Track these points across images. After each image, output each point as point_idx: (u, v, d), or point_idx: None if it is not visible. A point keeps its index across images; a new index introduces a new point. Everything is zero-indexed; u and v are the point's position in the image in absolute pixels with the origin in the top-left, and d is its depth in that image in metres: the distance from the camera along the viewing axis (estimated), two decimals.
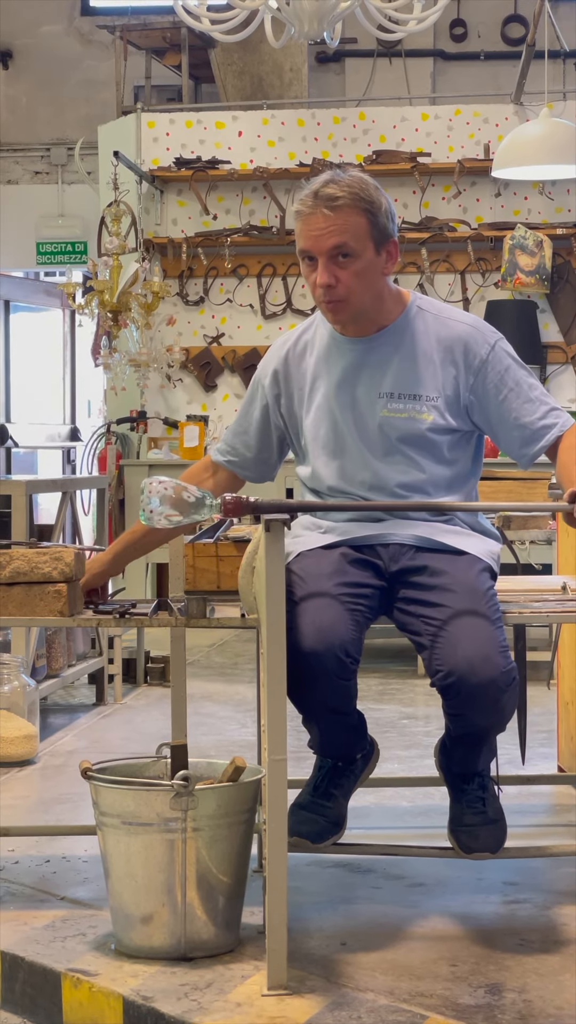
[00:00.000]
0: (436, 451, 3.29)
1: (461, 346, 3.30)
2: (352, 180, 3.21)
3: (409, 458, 3.28)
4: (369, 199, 3.20)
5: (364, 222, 3.19)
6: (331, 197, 3.18)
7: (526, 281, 8.83)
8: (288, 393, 3.41)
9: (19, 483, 5.55)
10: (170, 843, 3.00)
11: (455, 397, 3.29)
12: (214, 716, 5.75)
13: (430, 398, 3.28)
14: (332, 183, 3.20)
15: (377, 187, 3.25)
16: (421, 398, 3.28)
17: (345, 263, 3.20)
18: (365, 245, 3.20)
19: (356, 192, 3.19)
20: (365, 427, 3.29)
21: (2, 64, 12.56)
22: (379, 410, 3.28)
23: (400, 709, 5.88)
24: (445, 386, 3.29)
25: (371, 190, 3.22)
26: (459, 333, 3.32)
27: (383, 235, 3.22)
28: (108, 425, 9.40)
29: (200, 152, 9.32)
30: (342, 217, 3.18)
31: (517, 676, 3.09)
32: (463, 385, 3.29)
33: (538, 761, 4.66)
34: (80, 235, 12.32)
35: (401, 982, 2.88)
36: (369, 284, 3.23)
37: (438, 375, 3.29)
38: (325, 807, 3.22)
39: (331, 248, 3.19)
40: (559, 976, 2.91)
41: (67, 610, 3.24)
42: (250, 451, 3.50)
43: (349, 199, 3.18)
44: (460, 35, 12.26)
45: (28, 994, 3.04)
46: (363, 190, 3.20)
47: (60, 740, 5.34)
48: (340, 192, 3.18)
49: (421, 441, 3.27)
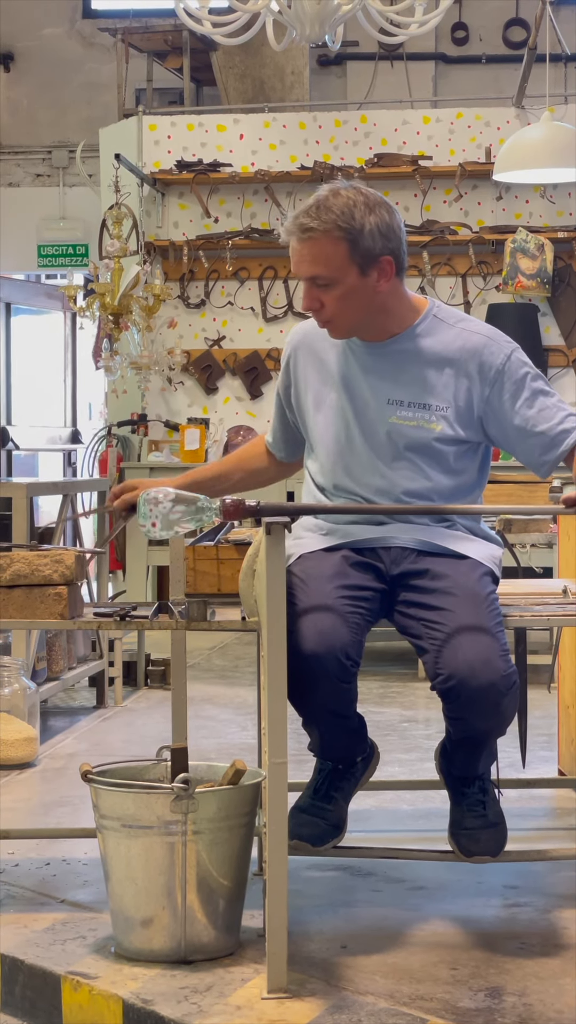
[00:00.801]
0: (443, 461, 3.28)
1: (476, 357, 3.28)
2: (337, 203, 3.16)
3: (416, 466, 3.27)
4: (348, 224, 3.15)
5: (342, 249, 3.16)
6: (304, 228, 3.16)
7: (527, 284, 8.83)
8: (296, 383, 3.41)
9: (20, 485, 5.55)
10: (170, 846, 3.00)
11: (467, 408, 3.28)
12: (214, 719, 5.75)
13: (440, 408, 3.27)
14: (314, 208, 3.16)
15: (369, 205, 3.18)
16: (431, 407, 3.27)
17: (326, 289, 3.19)
18: (345, 272, 3.18)
19: (334, 219, 3.14)
20: (374, 432, 3.29)
21: (3, 67, 12.57)
22: (388, 416, 3.27)
23: (401, 712, 5.88)
24: (457, 397, 3.27)
25: (356, 212, 3.16)
26: (474, 344, 3.30)
27: (367, 257, 3.18)
28: (109, 428, 9.40)
29: (201, 155, 9.33)
30: (316, 248, 3.16)
31: (518, 680, 3.09)
32: (477, 396, 3.28)
33: (538, 764, 4.66)
34: (81, 238, 12.32)
35: (401, 985, 2.88)
36: (359, 305, 3.22)
37: (450, 385, 3.28)
38: (325, 810, 3.22)
39: (307, 276, 3.20)
40: (559, 980, 2.91)
41: (67, 613, 3.24)
42: (280, 433, 3.57)
43: (323, 229, 3.14)
44: (462, 38, 12.27)
45: (28, 997, 3.04)
46: (344, 215, 3.15)
47: (60, 743, 5.34)
48: (314, 223, 3.15)
49: (428, 450, 3.27)
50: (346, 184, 3.22)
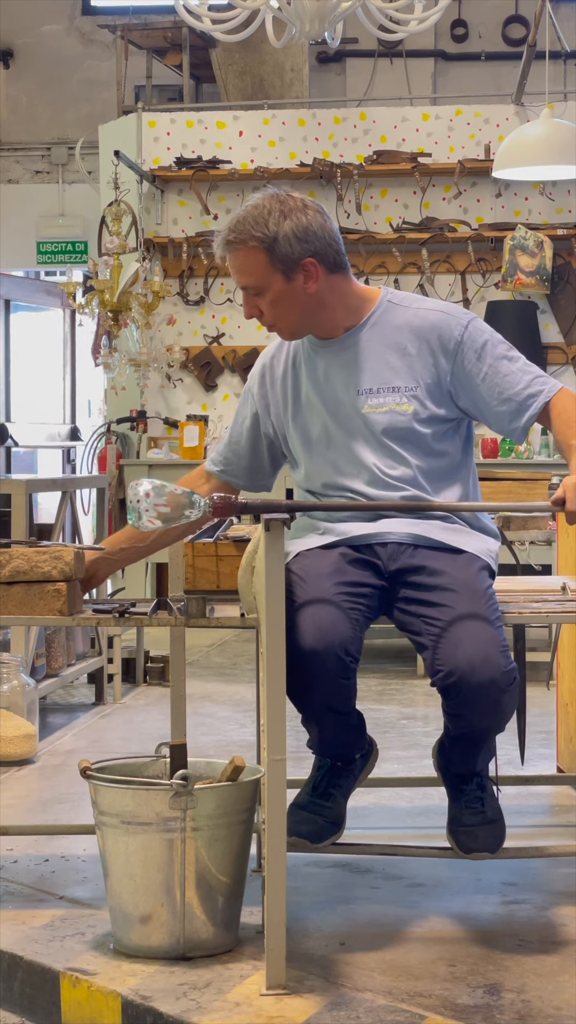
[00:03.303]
0: (422, 443, 3.28)
1: (435, 333, 3.30)
2: (252, 215, 3.23)
3: (396, 452, 3.27)
4: (263, 233, 3.21)
5: (261, 257, 3.23)
6: (225, 241, 3.26)
7: (526, 282, 8.83)
8: (274, 399, 3.43)
9: (19, 482, 5.55)
10: (169, 843, 3.00)
11: (436, 384, 3.29)
12: (213, 716, 5.75)
13: (408, 388, 3.28)
14: (234, 222, 3.24)
15: (284, 211, 3.24)
16: (400, 389, 3.28)
17: (258, 296, 3.26)
18: (269, 278, 3.24)
19: (247, 229, 3.21)
20: (351, 425, 3.30)
21: (3, 63, 12.57)
22: (360, 407, 3.29)
23: (400, 709, 5.88)
24: (423, 375, 3.29)
25: (270, 220, 3.22)
26: (431, 320, 3.32)
27: (288, 262, 3.22)
28: (108, 425, 9.40)
29: (201, 152, 9.32)
30: (239, 258, 3.25)
31: (517, 676, 3.09)
32: (442, 371, 3.29)
33: (537, 761, 4.66)
34: (80, 235, 12.32)
35: (400, 982, 2.88)
36: (293, 307, 3.26)
37: (415, 365, 3.29)
38: (324, 807, 3.22)
39: (241, 287, 3.29)
40: (558, 976, 2.91)
41: (66, 609, 3.24)
42: (242, 460, 3.52)
43: (238, 239, 3.23)
44: (461, 35, 12.26)
45: (27, 993, 3.04)
46: (257, 224, 3.22)
47: (59, 739, 5.34)
48: (231, 235, 3.24)
49: (405, 434, 3.27)
50: (270, 192, 3.29)
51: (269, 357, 3.47)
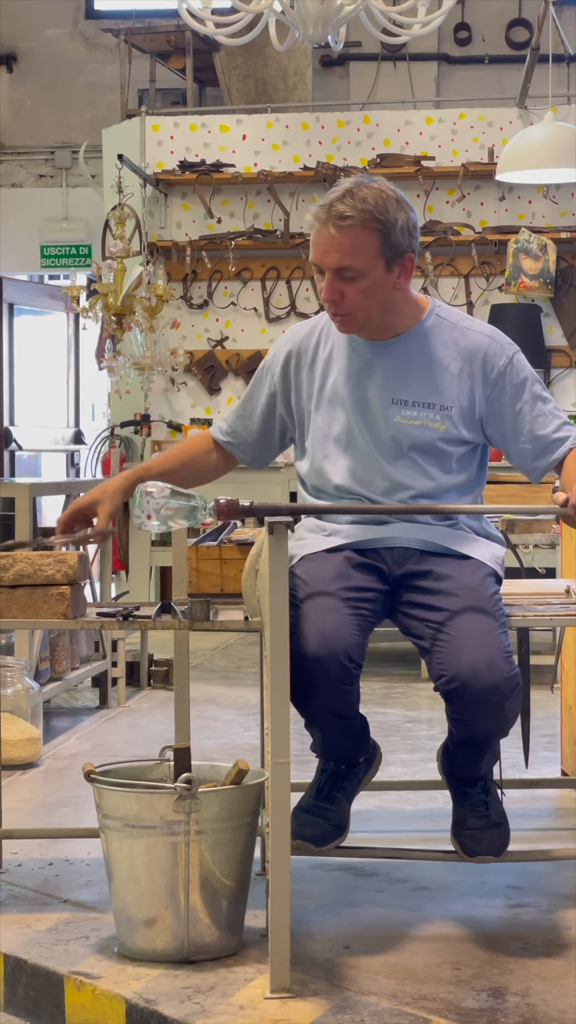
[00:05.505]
0: (445, 461, 3.28)
1: (480, 357, 3.29)
2: (371, 194, 3.15)
3: (419, 465, 3.27)
4: (383, 217, 3.14)
5: (374, 241, 3.15)
6: (341, 215, 3.13)
7: (530, 285, 8.83)
8: (297, 384, 3.39)
9: (23, 486, 5.55)
10: (173, 846, 3.00)
11: (470, 408, 3.28)
12: (217, 719, 5.75)
13: (444, 408, 3.27)
14: (348, 197, 3.14)
15: (400, 201, 3.19)
16: (435, 407, 3.27)
17: (351, 281, 3.17)
18: (373, 264, 3.16)
19: (370, 209, 3.13)
20: (377, 431, 3.28)
21: (6, 67, 12.58)
22: (393, 416, 3.27)
23: (404, 713, 5.88)
24: (460, 396, 3.28)
25: (390, 205, 3.16)
26: (477, 343, 3.30)
27: (396, 252, 3.18)
28: (112, 428, 9.41)
29: (204, 155, 9.33)
30: (350, 237, 3.14)
31: (520, 681, 3.09)
32: (479, 396, 3.28)
33: (541, 765, 4.66)
34: (84, 238, 12.32)
35: (404, 985, 2.88)
36: (378, 300, 3.21)
37: (454, 385, 3.28)
38: (328, 810, 3.22)
39: (336, 266, 3.17)
40: (562, 980, 2.91)
41: (70, 613, 3.24)
42: (251, 436, 3.49)
43: (360, 218, 3.13)
44: (464, 39, 12.26)
45: (31, 997, 3.04)
46: (379, 206, 3.14)
47: (63, 743, 5.34)
48: (351, 211, 3.13)
49: (431, 449, 3.27)
50: (370, 179, 3.21)
51: (297, 342, 3.40)
